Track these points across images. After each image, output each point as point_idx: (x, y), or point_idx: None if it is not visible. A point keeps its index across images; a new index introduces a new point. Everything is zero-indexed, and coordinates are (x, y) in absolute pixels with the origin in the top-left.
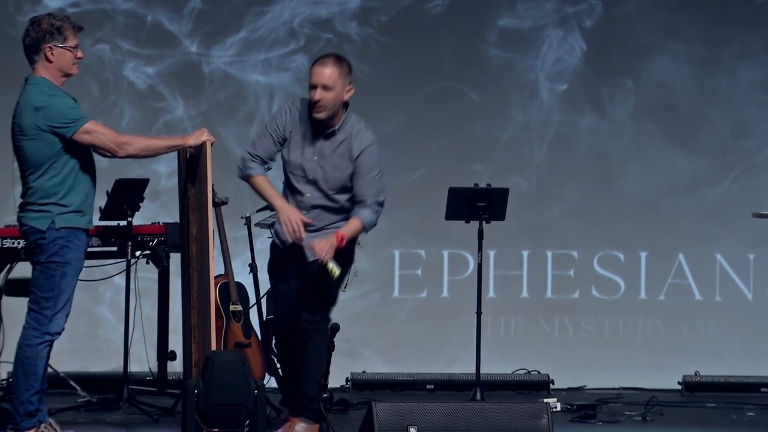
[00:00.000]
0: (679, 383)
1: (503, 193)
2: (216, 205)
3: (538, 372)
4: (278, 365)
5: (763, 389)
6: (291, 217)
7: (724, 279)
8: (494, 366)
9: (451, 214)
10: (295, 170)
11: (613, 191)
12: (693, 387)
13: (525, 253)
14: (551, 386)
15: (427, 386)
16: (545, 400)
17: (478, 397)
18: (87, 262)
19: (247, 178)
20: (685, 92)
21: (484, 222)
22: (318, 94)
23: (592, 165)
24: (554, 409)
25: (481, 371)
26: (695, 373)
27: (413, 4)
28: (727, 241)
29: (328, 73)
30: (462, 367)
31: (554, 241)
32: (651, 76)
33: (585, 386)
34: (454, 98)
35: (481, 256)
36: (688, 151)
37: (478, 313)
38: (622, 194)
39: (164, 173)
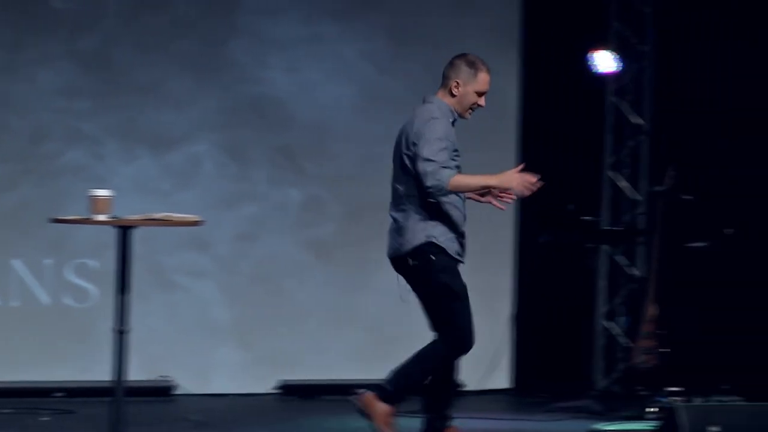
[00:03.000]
0: None
1: None
2: None
3: None
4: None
5: (56, 394)
6: (518, 176)
7: (21, 284)
8: None
9: None
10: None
11: None
12: None
13: None
14: None
15: None
16: None
17: None
18: None
19: (448, 184)
20: None
21: None
22: (483, 101)
23: None
24: None
25: None
26: None
27: None
28: (24, 247)
29: None
30: None
31: None
32: None
33: None
34: None
35: None
36: None
37: None
38: None
39: None
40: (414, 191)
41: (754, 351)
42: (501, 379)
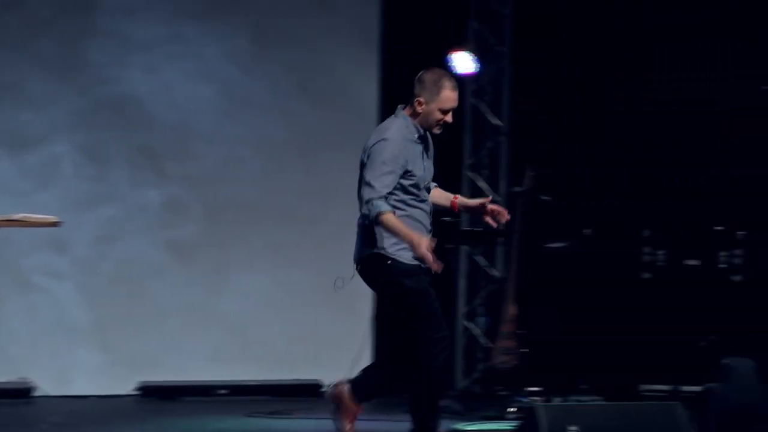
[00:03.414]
0: None
1: None
2: None
3: None
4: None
5: None
6: (424, 250)
7: None
8: None
9: None
10: (420, 183)
11: None
12: None
13: None
14: None
15: None
16: None
17: None
18: None
19: (376, 218)
20: None
21: None
22: (450, 117)
23: None
24: None
25: None
26: None
27: None
28: None
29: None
30: None
31: None
32: None
33: None
34: None
35: None
36: None
37: None
38: None
39: None
40: None
41: (613, 351)
42: None
